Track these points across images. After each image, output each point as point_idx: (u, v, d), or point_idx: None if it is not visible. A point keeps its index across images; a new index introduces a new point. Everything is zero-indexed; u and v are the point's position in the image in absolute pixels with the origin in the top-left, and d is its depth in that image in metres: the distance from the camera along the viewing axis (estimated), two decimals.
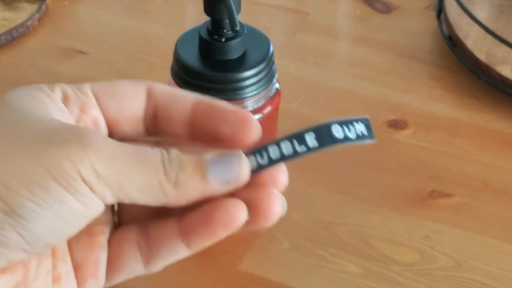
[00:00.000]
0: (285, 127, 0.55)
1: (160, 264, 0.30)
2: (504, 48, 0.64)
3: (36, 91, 0.29)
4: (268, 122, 0.49)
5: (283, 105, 0.51)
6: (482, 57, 0.64)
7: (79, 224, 0.27)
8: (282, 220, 0.54)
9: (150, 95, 0.30)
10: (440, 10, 0.71)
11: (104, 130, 0.30)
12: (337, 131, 0.29)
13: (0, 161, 0.26)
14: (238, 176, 0.28)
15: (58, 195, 0.26)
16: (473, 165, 0.59)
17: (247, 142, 0.29)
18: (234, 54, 0.47)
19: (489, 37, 0.65)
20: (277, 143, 0.29)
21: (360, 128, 0.29)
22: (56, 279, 0.29)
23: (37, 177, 0.26)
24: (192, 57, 0.47)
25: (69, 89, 0.29)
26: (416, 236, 0.53)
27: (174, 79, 0.48)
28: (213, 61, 0.47)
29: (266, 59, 0.47)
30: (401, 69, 0.68)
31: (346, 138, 0.29)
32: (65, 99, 0.29)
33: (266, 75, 0.47)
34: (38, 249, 0.27)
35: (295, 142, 0.29)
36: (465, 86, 0.66)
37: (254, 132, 0.29)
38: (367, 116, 0.30)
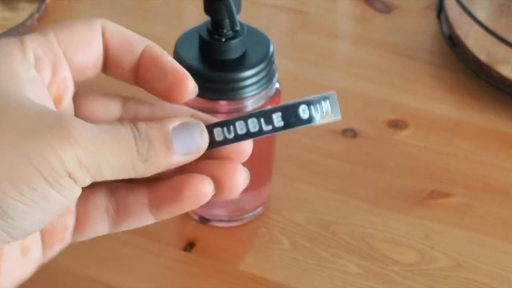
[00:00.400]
0: None
1: (124, 228, 0.31)
2: (505, 47, 0.64)
3: (8, 57, 0.28)
4: None
5: None
6: (482, 56, 0.64)
7: (59, 212, 0.28)
8: (282, 220, 0.54)
9: (104, 37, 0.31)
10: (440, 10, 0.71)
11: (71, 88, 0.30)
12: (304, 112, 0.29)
13: None
14: (198, 148, 0.29)
15: (45, 193, 0.26)
16: (473, 165, 0.59)
17: (180, 101, 0.30)
18: (234, 54, 0.47)
19: (490, 36, 0.65)
20: (245, 119, 0.29)
21: (327, 106, 0.30)
22: (24, 251, 0.29)
23: (26, 175, 0.26)
24: (192, 57, 0.47)
25: (40, 50, 0.29)
26: (416, 236, 0.53)
27: None
28: (213, 61, 0.47)
29: (266, 59, 0.47)
30: (401, 69, 0.68)
31: (311, 119, 0.29)
32: (37, 62, 0.29)
33: (266, 75, 0.47)
34: (19, 238, 0.27)
35: (262, 120, 0.29)
36: (465, 86, 0.66)
37: (187, 92, 0.30)
38: (334, 92, 0.30)
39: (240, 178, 0.30)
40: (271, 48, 0.48)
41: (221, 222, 0.54)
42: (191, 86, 0.30)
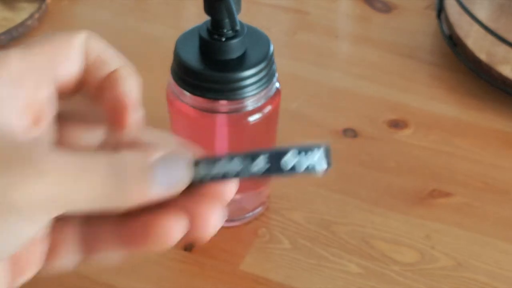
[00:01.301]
0: (285, 126, 0.55)
1: (94, 262, 0.30)
2: (505, 47, 0.64)
3: None
4: (268, 122, 0.49)
5: (283, 105, 0.51)
6: (482, 56, 0.64)
7: (27, 241, 0.27)
8: (282, 220, 0.54)
9: (84, 51, 0.30)
10: (440, 10, 0.71)
11: (53, 107, 0.29)
12: (289, 161, 0.28)
13: None
14: (178, 183, 0.27)
15: (6, 225, 0.25)
16: (474, 164, 0.59)
17: (118, 131, 0.29)
18: (234, 54, 0.46)
19: (490, 36, 0.65)
20: (231, 158, 0.28)
21: (315, 157, 0.28)
22: None
23: None
24: (192, 57, 0.47)
25: (23, 64, 0.28)
26: (417, 236, 0.53)
27: (174, 79, 0.48)
28: (213, 61, 0.47)
29: (266, 58, 0.47)
30: (401, 69, 0.68)
31: (294, 169, 0.28)
32: (20, 78, 0.28)
33: (266, 75, 0.47)
34: None
35: (247, 162, 0.28)
36: (465, 85, 0.66)
37: (125, 125, 0.29)
38: (328, 144, 0.28)
39: (214, 219, 0.28)
40: (271, 48, 0.48)
41: None
42: (129, 120, 0.29)
